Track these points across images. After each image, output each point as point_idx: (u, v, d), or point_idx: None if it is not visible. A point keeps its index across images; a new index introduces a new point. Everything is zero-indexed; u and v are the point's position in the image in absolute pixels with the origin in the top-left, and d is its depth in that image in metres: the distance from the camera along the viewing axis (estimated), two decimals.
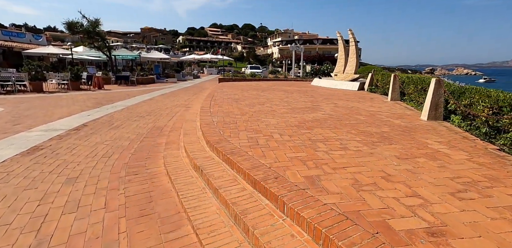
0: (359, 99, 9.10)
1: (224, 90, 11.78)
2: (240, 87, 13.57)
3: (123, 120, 7.19)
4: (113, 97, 12.15)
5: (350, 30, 14.55)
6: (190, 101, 11.13)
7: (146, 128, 6.42)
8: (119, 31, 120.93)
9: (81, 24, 21.06)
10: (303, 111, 6.41)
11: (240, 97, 9.08)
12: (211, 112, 6.12)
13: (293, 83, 17.75)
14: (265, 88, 12.95)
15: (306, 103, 7.89)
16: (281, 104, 7.64)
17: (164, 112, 8.47)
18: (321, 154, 3.36)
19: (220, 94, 10.13)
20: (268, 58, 77.19)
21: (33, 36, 30.18)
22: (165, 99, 11.91)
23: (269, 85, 15.32)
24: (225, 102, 7.98)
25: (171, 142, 4.90)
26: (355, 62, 14.28)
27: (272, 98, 9.03)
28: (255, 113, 6.12)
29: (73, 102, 10.40)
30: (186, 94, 13.78)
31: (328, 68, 31.80)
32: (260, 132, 4.38)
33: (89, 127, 6.39)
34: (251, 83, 17.31)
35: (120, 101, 10.86)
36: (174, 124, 6.58)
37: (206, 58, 47.76)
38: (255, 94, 10.13)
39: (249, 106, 7.11)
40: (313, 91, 11.71)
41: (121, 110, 8.71)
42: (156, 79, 23.17)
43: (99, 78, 16.20)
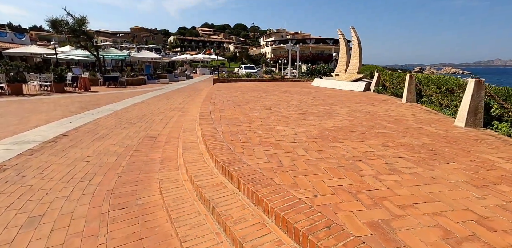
0: (371, 101, 8.38)
1: (222, 92, 10.90)
2: (238, 89, 12.71)
3: (110, 129, 6.25)
4: (100, 100, 11.11)
5: (352, 28, 13.89)
6: (186, 104, 10.21)
7: (136, 137, 5.51)
8: (108, 31, 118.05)
9: (66, 22, 19.80)
10: (319, 117, 5.62)
11: (241, 101, 8.24)
12: (213, 120, 5.26)
13: (293, 84, 17.01)
14: (265, 90, 12.13)
15: (317, 107, 7.11)
16: (290, 108, 6.83)
17: (157, 118, 7.55)
18: (370, 180, 2.56)
19: (219, 97, 9.26)
20: (262, 58, 76.50)
21: (15, 35, 28.53)
22: (157, 102, 10.95)
23: (268, 86, 14.51)
24: (226, 106, 7.12)
25: (168, 158, 4.02)
26: (358, 62, 13.62)
27: (277, 101, 8.22)
28: (265, 120, 5.30)
29: (54, 106, 9.34)
30: (181, 96, 12.83)
31: (325, 68, 31.34)
32: (279, 146, 3.56)
33: (69, 138, 5.43)
34: (249, 84, 16.48)
35: (107, 105, 9.85)
36: (169, 133, 5.68)
37: (198, 58, 46.67)
38: (256, 97, 9.30)
39: (255, 112, 6.28)
40: (318, 93, 10.96)
41: (108, 116, 7.74)
42: (147, 80, 22.06)
43: (86, 80, 15.07)
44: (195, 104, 9.13)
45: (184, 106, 9.87)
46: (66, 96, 12.27)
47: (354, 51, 13.91)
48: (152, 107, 9.57)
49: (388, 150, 3.48)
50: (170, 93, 14.61)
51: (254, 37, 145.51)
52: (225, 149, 3.43)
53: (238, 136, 4.09)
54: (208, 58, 49.62)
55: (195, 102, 10.24)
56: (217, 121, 5.16)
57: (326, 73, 29.41)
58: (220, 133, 4.27)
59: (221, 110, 6.47)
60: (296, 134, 4.24)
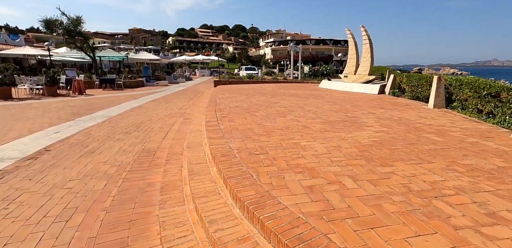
0: (393, 106, 7.58)
1: (226, 96, 10.08)
2: (242, 92, 11.89)
3: (101, 140, 5.40)
4: (94, 104, 10.25)
5: (363, 27, 13.11)
6: (187, 108, 9.38)
7: (132, 152, 4.67)
8: (106, 32, 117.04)
9: (61, 22, 18.95)
10: (346, 128, 4.80)
11: (250, 106, 7.41)
12: (223, 132, 4.44)
13: (298, 86, 16.21)
14: (272, 93, 11.32)
15: (337, 113, 6.30)
16: (307, 115, 6.01)
17: (156, 126, 6.72)
18: (473, 237, 1.74)
19: (224, 101, 8.43)
20: (261, 59, 75.79)
21: (9, 36, 27.62)
22: (156, 106, 10.11)
23: (273, 89, 13.69)
24: (234, 113, 6.29)
25: (170, 185, 3.19)
26: (369, 63, 12.83)
27: (290, 106, 7.40)
28: (284, 132, 4.47)
29: (43, 112, 8.48)
30: (181, 100, 12.00)
31: (328, 69, 30.60)
32: (316, 173, 2.74)
33: (52, 153, 4.59)
34: (252, 86, 15.67)
35: (101, 110, 8.99)
36: (171, 146, 4.84)
37: (197, 59, 45.83)
38: (265, 101, 8.48)
39: (270, 120, 5.45)
40: (330, 96, 10.15)
41: (101, 124, 6.89)
42: (146, 82, 21.21)
43: (80, 82, 14.20)
44: (198, 110, 8.30)
45: (185, 111, 9.04)
46: (58, 100, 11.41)
47: (365, 52, 13.12)
48: (150, 113, 8.73)
49: (461, 177, 2.66)
50: (170, 96, 13.76)
51: (253, 38, 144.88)
52: (246, 177, 2.60)
53: (259, 156, 3.26)
54: (207, 59, 48.88)
55: (197, 106, 9.41)
56: (227, 133, 4.33)
57: (329, 75, 28.69)
58: (234, 150, 3.44)
59: (229, 118, 5.64)
60: (329, 152, 3.42)
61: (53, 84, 13.37)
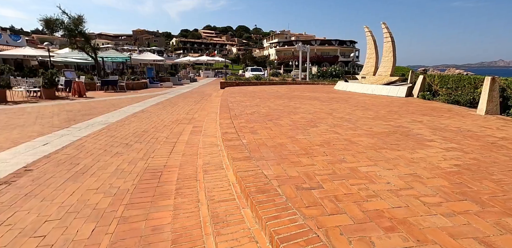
0: (434, 111, 6.55)
1: (238, 99, 9.12)
2: (254, 94, 10.93)
3: (96, 155, 4.46)
4: (93, 109, 9.34)
5: (384, 24, 12.07)
6: (195, 113, 8.42)
7: (132, 173, 3.72)
8: (110, 34, 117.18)
9: (62, 22, 18.17)
10: (403, 143, 3.80)
11: (269, 112, 6.43)
12: (248, 149, 3.46)
13: (313, 88, 15.19)
14: (288, 95, 10.33)
15: (375, 121, 5.30)
16: (342, 124, 5.01)
17: (161, 135, 5.77)
18: None
19: (237, 105, 7.47)
20: (266, 60, 74.89)
21: (10, 37, 26.99)
22: (161, 110, 9.17)
23: (286, 91, 12.70)
24: (254, 121, 5.32)
25: (185, 236, 2.21)
26: (391, 62, 11.78)
27: (315, 112, 6.41)
28: (327, 149, 3.48)
29: (35, 119, 7.59)
30: (187, 103, 11.06)
31: (337, 70, 29.55)
32: (422, 236, 1.73)
33: (32, 175, 3.64)
34: (263, 88, 14.69)
35: (100, 116, 8.07)
36: (181, 165, 3.87)
37: (202, 61, 44.99)
38: (284, 105, 7.50)
39: (301, 132, 4.46)
40: (353, 99, 9.13)
41: (98, 133, 5.95)
42: (149, 84, 20.35)
43: (80, 84, 13.34)
44: (208, 116, 7.34)
45: (193, 116, 8.08)
46: (55, 104, 10.53)
47: (386, 50, 12.08)
48: (154, 118, 7.79)
49: None
50: (175, 99, 12.84)
51: (256, 39, 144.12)
52: (309, 240, 1.61)
53: (311, 193, 2.27)
54: (212, 60, 48.06)
55: (206, 111, 8.45)
56: (255, 151, 3.35)
57: (339, 75, 27.65)
58: (273, 182, 2.45)
59: (251, 129, 4.66)
60: (409, 185, 2.41)
61: (51, 87, 12.52)
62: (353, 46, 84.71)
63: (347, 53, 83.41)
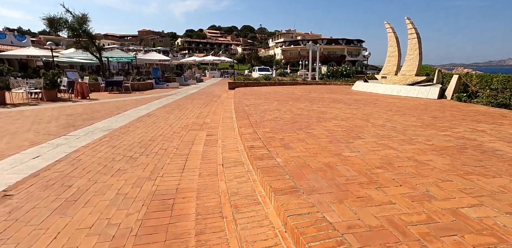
0: (484, 117, 5.63)
1: (252, 101, 8.29)
2: (268, 96, 10.09)
3: (93, 174, 3.67)
4: (95, 112, 8.61)
5: (408, 19, 11.12)
6: (206, 117, 7.62)
7: (136, 200, 2.91)
8: (116, 34, 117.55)
9: (65, 21, 17.57)
10: (488, 163, 2.93)
11: (294, 117, 5.59)
12: (289, 172, 2.62)
13: (328, 89, 14.29)
14: (306, 97, 9.47)
15: (428, 130, 4.42)
16: (391, 136, 4.14)
17: (170, 145, 4.97)
18: None
19: (254, 109, 6.64)
20: (272, 60, 73.99)
21: (15, 37, 26.62)
22: (168, 114, 8.39)
23: (302, 92, 11.84)
24: (281, 130, 4.47)
25: None
26: (417, 61, 10.83)
27: (348, 118, 5.54)
28: (396, 175, 2.62)
29: (31, 124, 6.87)
30: (196, 105, 10.27)
31: (348, 69, 28.55)
32: None
33: (11, 204, 2.86)
34: (275, 89, 13.85)
35: (103, 120, 7.32)
36: (199, 191, 3.05)
37: (207, 60, 44.38)
38: (307, 109, 6.65)
39: (345, 145, 3.61)
40: (382, 102, 8.23)
41: (98, 142, 5.17)
42: (155, 85, 19.68)
43: (83, 85, 12.66)
44: (222, 121, 6.52)
45: (204, 120, 7.28)
46: (56, 107, 9.84)
47: (411, 48, 11.12)
48: (161, 123, 7.00)
49: None
50: (182, 100, 12.07)
51: (261, 39, 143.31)
52: None
53: None
54: (217, 60, 47.43)
55: (218, 115, 7.64)
56: (299, 178, 2.50)
57: (350, 75, 26.64)
58: (346, 237, 1.61)
59: (281, 141, 3.82)
60: None
61: (53, 88, 11.86)
62: (361, 46, 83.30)
63: (354, 53, 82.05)
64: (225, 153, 3.80)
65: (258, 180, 2.66)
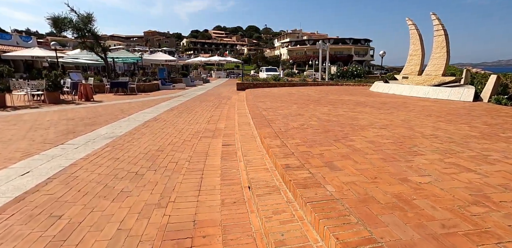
0: None
1: (269, 104, 7.57)
2: (283, 98, 9.35)
3: (90, 197, 2.98)
4: (99, 116, 7.99)
5: (434, 15, 10.27)
6: (218, 121, 6.92)
7: (144, 241, 2.21)
8: (122, 35, 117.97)
9: (70, 20, 17.10)
10: None
11: (323, 124, 4.84)
12: (356, 215, 1.88)
13: (343, 90, 13.49)
14: (327, 100, 8.71)
15: (496, 143, 3.64)
16: (454, 150, 3.37)
17: (181, 157, 4.27)
18: None
19: (273, 113, 5.91)
20: (279, 60, 73.21)
21: (21, 38, 26.37)
22: (177, 118, 7.72)
23: (318, 93, 11.08)
24: (314, 141, 3.73)
25: None
26: (444, 60, 9.97)
27: (386, 125, 4.78)
28: (501, 213, 1.85)
29: (27, 131, 6.26)
30: (206, 108, 9.58)
31: (360, 69, 27.65)
32: None
33: None
34: (288, 90, 13.11)
35: (105, 126, 6.67)
36: (224, 225, 2.33)
37: (213, 61, 43.82)
38: (334, 114, 5.89)
39: (405, 165, 2.86)
40: (410, 105, 7.43)
41: (99, 153, 4.50)
42: (161, 86, 19.11)
43: (87, 87, 12.10)
44: (238, 127, 5.80)
45: (217, 125, 6.58)
46: (57, 110, 9.25)
47: (437, 46, 10.27)
48: (169, 129, 6.32)
49: None
50: (190, 102, 11.41)
51: (266, 39, 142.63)
52: None
53: None
54: (223, 60, 46.88)
55: (232, 119, 6.93)
56: (371, 222, 1.77)
57: (361, 75, 25.72)
58: None
59: (321, 157, 3.07)
60: None
61: (55, 90, 11.31)
62: (368, 45, 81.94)
63: (361, 52, 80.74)
64: (251, 171, 3.07)
65: (308, 220, 1.93)
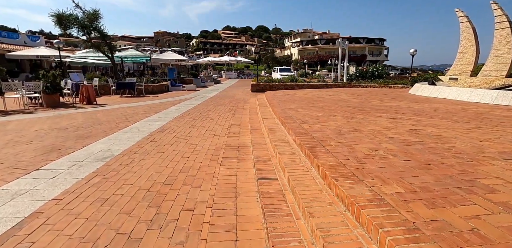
0: None
1: (302, 113, 6.07)
2: (315, 104, 7.85)
3: None
4: (96, 124, 6.67)
5: (495, 4, 8.52)
6: (238, 132, 5.48)
7: None
8: (133, 36, 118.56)
9: (75, 17, 16.04)
10: None
11: (411, 153, 3.30)
12: None
13: (376, 93, 11.85)
14: (370, 107, 7.15)
15: None
16: None
17: (199, 200, 2.83)
18: None
19: (318, 129, 4.43)
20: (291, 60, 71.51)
21: (28, 37, 25.69)
22: (188, 128, 6.32)
23: (351, 97, 9.50)
24: (421, 185, 2.23)
25: None
26: (510, 57, 8.21)
27: (506, 151, 3.20)
28: None
29: (6, 143, 4.98)
30: (221, 114, 8.16)
31: (380, 69, 25.78)
32: None
33: None
34: (314, 93, 11.58)
35: (103, 138, 5.31)
36: None
37: (223, 61, 42.62)
38: (404, 130, 4.35)
39: None
40: (493, 115, 5.78)
41: (80, 189, 3.10)
42: (171, 87, 17.86)
43: (89, 89, 10.88)
44: (268, 141, 4.35)
45: (240, 140, 5.13)
46: (52, 116, 8.00)
47: (500, 41, 8.53)
48: (180, 145, 4.90)
49: None
50: (203, 107, 10.02)
51: (276, 39, 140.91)
52: None
53: None
54: (234, 60, 45.67)
55: (259, 132, 5.45)
56: None
57: (382, 76, 23.88)
58: None
59: (474, 235, 1.54)
60: None
61: (54, 92, 10.12)
62: (382, 45, 79.28)
63: (375, 52, 78.14)
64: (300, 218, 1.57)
65: None
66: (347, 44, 25.30)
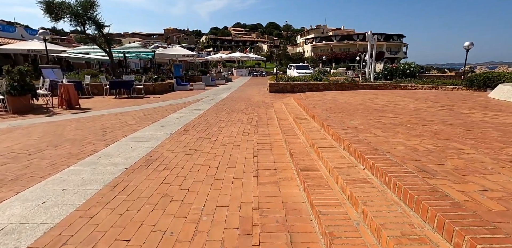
0: None
1: (372, 131, 3.41)
2: (367, 112, 5.20)
3: None
4: (59, 145, 4.25)
5: None
6: (273, 169, 2.92)
7: None
8: (143, 33, 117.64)
9: (68, 5, 13.87)
10: None
11: None
12: None
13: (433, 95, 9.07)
14: (459, 121, 4.45)
15: None
16: None
17: None
18: None
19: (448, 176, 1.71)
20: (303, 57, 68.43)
21: (26, 31, 23.89)
22: (190, 156, 3.80)
23: (409, 103, 6.80)
24: None
25: None
26: None
27: None
28: None
29: None
30: (238, 128, 5.61)
31: (412, 67, 22.62)
32: None
33: None
34: (351, 97, 8.90)
35: (44, 179, 2.85)
36: None
37: (234, 57, 40.10)
38: None
39: None
40: None
41: None
42: (177, 85, 15.50)
43: (69, 89, 8.54)
44: (334, 186, 1.83)
45: (288, 194, 2.53)
46: (11, 128, 5.66)
47: None
48: (173, 206, 2.36)
49: None
50: (213, 113, 7.51)
51: (287, 36, 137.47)
52: None
53: None
54: (245, 57, 43.14)
55: (314, 170, 2.89)
56: None
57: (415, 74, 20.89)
58: None
59: None
60: None
61: (22, 93, 7.83)
62: (401, 41, 75.07)
63: (394, 49, 74.07)
64: None
65: None
66: (375, 38, 22.32)
